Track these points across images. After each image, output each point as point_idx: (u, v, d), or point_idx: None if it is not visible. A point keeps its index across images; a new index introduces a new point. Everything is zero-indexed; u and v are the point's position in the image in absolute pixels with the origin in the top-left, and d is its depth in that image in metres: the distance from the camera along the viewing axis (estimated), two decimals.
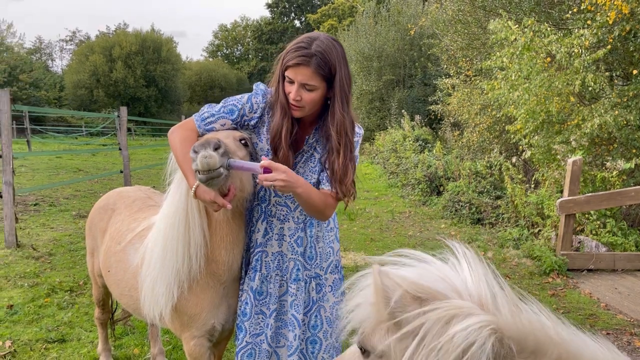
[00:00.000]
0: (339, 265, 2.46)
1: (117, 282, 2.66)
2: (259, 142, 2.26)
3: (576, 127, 6.69)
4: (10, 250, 6.20)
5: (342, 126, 2.11)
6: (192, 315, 2.30)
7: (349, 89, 2.15)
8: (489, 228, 8.13)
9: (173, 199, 2.22)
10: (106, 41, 48.75)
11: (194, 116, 2.21)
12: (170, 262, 2.20)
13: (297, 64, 2.02)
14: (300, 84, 2.05)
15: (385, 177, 14.80)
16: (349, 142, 2.14)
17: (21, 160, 16.23)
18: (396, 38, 21.84)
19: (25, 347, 3.75)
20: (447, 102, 13.22)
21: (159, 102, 49.04)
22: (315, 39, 2.06)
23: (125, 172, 10.52)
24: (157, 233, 2.29)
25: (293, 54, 2.03)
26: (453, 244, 1.09)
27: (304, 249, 2.34)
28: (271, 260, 2.35)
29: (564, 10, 7.62)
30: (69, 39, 68.24)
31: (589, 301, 5.12)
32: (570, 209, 6.02)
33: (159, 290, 2.25)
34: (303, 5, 72.33)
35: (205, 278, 2.27)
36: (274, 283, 2.34)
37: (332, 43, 2.07)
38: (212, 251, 2.23)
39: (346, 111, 2.12)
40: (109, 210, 2.96)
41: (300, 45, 2.03)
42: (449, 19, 11.42)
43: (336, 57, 2.06)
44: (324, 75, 2.05)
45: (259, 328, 2.34)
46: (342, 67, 2.09)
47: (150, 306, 2.32)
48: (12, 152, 6.43)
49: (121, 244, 2.65)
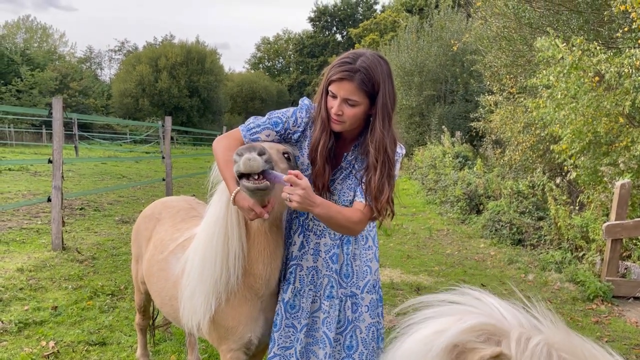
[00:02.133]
0: (376, 285, 2.41)
1: (159, 291, 2.71)
2: (301, 157, 2.27)
3: (625, 149, 6.48)
4: (57, 252, 6.41)
5: (381, 143, 2.09)
6: (230, 328, 2.31)
7: (392, 107, 2.12)
8: (530, 250, 7.92)
9: (214, 210, 2.25)
10: (153, 52, 50.29)
11: (239, 127, 2.24)
12: (208, 272, 2.22)
13: (340, 79, 2.03)
14: (343, 98, 2.05)
15: (423, 193, 14.64)
16: (387, 159, 2.11)
17: (69, 166, 16.81)
18: (438, 53, 21.68)
19: (68, 348, 3.86)
20: (489, 119, 13.01)
21: (201, 112, 50.09)
22: (361, 55, 2.06)
23: (168, 180, 10.76)
24: (197, 244, 2.32)
25: (337, 68, 2.04)
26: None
27: (340, 267, 2.33)
28: (305, 275, 2.34)
29: (614, 29, 7.42)
30: (117, 49, 70.69)
31: (635, 331, 4.91)
32: (617, 234, 5.82)
33: (197, 301, 2.28)
34: (345, 19, 72.80)
35: (243, 291, 2.28)
36: (306, 298, 2.34)
37: (377, 60, 2.07)
38: (250, 264, 2.24)
39: (387, 129, 2.10)
40: (153, 220, 3.03)
41: (345, 61, 2.04)
42: (493, 36, 11.27)
43: (380, 74, 2.05)
44: (367, 91, 2.04)
45: (289, 342, 2.34)
46: (387, 84, 2.07)
47: (188, 316, 2.34)
48: (62, 158, 6.66)
49: (164, 253, 2.70)
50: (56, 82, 40.82)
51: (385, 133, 2.09)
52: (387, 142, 2.10)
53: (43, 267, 5.80)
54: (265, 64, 79.72)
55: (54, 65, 43.96)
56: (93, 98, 46.53)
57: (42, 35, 54.24)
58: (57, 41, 56.32)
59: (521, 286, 6.29)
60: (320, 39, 73.58)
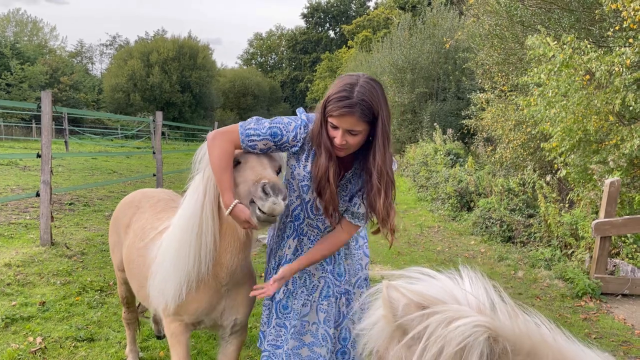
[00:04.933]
0: (367, 278, 2.54)
1: (137, 275, 2.82)
2: (297, 167, 2.30)
3: (614, 147, 6.52)
4: (45, 248, 6.36)
5: (383, 166, 2.13)
6: (189, 310, 2.46)
7: (389, 127, 2.16)
8: (520, 247, 7.96)
9: (190, 204, 2.33)
10: (144, 47, 49.92)
11: (239, 127, 2.20)
12: (182, 264, 2.32)
13: (341, 115, 2.03)
14: (345, 130, 2.07)
15: (414, 190, 14.68)
16: (390, 181, 2.16)
17: (58, 160, 16.67)
18: (431, 51, 21.74)
19: (55, 344, 3.83)
20: (480, 117, 13.06)
21: (193, 107, 49.85)
22: (355, 84, 2.04)
23: (158, 176, 10.71)
24: (172, 235, 2.42)
25: (336, 104, 2.03)
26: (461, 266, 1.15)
27: (333, 267, 2.43)
28: (298, 277, 2.43)
29: (605, 27, 7.46)
30: (109, 44, 70.29)
31: (623, 327, 4.95)
32: (606, 231, 5.85)
33: (169, 287, 2.39)
34: (338, 16, 72.71)
35: (208, 279, 2.39)
36: (298, 300, 2.42)
37: (372, 86, 2.06)
38: (219, 254, 2.34)
39: (386, 150, 2.14)
40: (133, 207, 3.11)
41: (343, 95, 2.02)
42: (485, 34, 11.31)
43: (378, 101, 2.06)
44: (367, 120, 2.07)
45: (279, 341, 2.43)
46: (383, 108, 2.10)
47: (158, 299, 2.49)
48: (51, 152, 6.60)
49: (144, 241, 2.78)
50: (46, 76, 40.42)
51: (386, 156, 2.13)
52: (388, 163, 2.15)
53: (31, 263, 5.75)
54: (258, 60, 79.51)
55: (44, 59, 43.49)
56: (84, 92, 46.08)
57: (33, 29, 53.77)
58: (47, 35, 55.88)
59: (511, 283, 6.33)
60: (313, 35, 73.45)
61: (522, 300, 5.67)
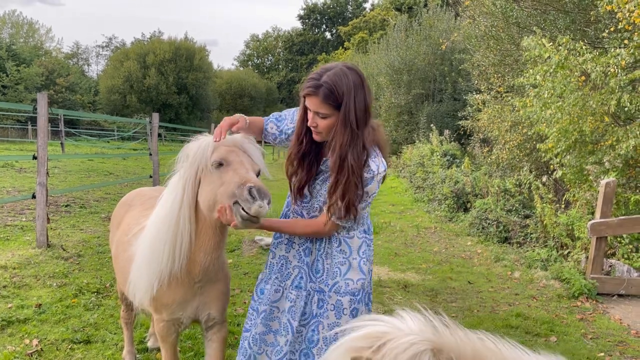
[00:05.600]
0: (345, 290, 2.40)
1: (122, 270, 2.91)
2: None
3: (610, 147, 6.54)
4: (41, 250, 6.34)
5: (340, 151, 2.17)
6: (164, 305, 2.54)
7: (359, 117, 2.16)
8: (517, 247, 7.98)
9: (166, 203, 2.39)
10: (141, 48, 49.83)
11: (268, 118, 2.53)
12: (156, 262, 2.39)
13: (307, 94, 2.18)
14: (314, 111, 2.19)
15: (411, 192, 14.70)
16: (348, 167, 2.17)
17: (55, 162, 16.62)
18: (427, 52, 21.77)
19: (52, 346, 3.82)
20: (476, 118, 13.08)
21: (190, 109, 49.76)
22: (329, 69, 2.18)
23: (155, 177, 10.69)
24: (148, 233, 2.47)
25: (305, 84, 2.20)
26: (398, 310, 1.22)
27: (312, 262, 2.44)
28: (275, 263, 2.51)
29: (600, 29, 7.49)
30: (105, 45, 70.00)
31: (619, 327, 4.97)
32: (602, 232, 5.88)
33: (142, 281, 2.48)
34: (334, 17, 72.78)
35: (181, 275, 2.44)
36: (271, 285, 2.48)
37: (343, 72, 2.15)
38: (193, 252, 2.39)
39: (349, 138, 2.16)
40: (125, 206, 3.23)
41: (312, 77, 2.18)
42: (481, 35, 11.34)
43: (345, 86, 2.13)
44: (332, 104, 2.14)
45: (249, 324, 2.50)
46: (352, 95, 2.13)
47: (132, 293, 2.60)
48: (47, 154, 6.58)
49: (128, 236, 2.85)
50: (42, 78, 40.33)
51: (346, 142, 2.16)
52: (349, 151, 2.16)
53: (27, 265, 5.73)
54: (255, 61, 79.46)
55: (40, 61, 43.39)
56: (80, 94, 45.98)
57: (28, 31, 53.64)
58: (43, 36, 55.79)
59: (507, 283, 6.34)
60: (309, 37, 73.49)
61: (518, 300, 5.69)
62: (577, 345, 4.44)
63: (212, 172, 2.22)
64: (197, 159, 2.25)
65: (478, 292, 5.94)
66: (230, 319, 4.57)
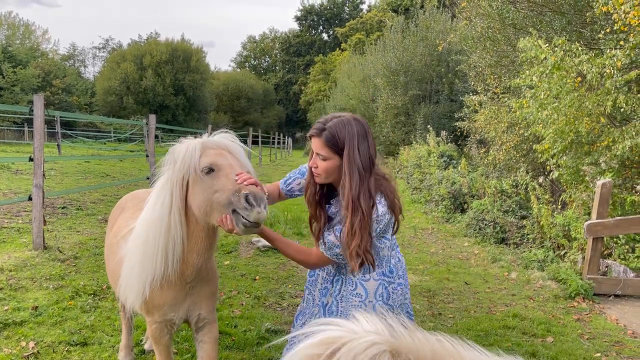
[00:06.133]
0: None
1: (111, 271, 2.96)
2: None
3: (606, 148, 6.56)
4: (38, 252, 6.32)
5: (349, 194, 2.24)
6: (156, 306, 2.55)
7: (364, 163, 2.26)
8: (514, 248, 8.00)
9: (155, 206, 2.37)
10: (137, 49, 49.79)
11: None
12: (149, 267, 2.39)
13: (312, 135, 2.33)
14: (316, 153, 2.33)
15: (408, 193, 14.71)
16: (361, 209, 2.23)
17: (51, 164, 16.59)
18: (424, 53, 21.79)
19: (48, 349, 3.81)
20: (473, 119, 13.09)
21: (187, 110, 49.72)
22: (336, 117, 2.32)
23: (152, 179, 10.67)
24: (138, 237, 2.46)
25: (313, 126, 2.35)
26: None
27: (327, 302, 2.54)
28: (310, 298, 2.65)
29: (596, 30, 7.51)
30: (101, 47, 69.99)
31: (616, 328, 4.98)
32: (598, 232, 5.89)
33: (133, 287, 2.48)
34: (331, 19, 72.87)
35: (174, 277, 2.44)
36: (300, 319, 2.66)
37: (348, 121, 2.28)
38: (185, 254, 2.40)
39: (357, 182, 2.24)
40: (119, 209, 3.27)
41: (320, 121, 2.35)
42: (477, 36, 11.35)
43: (348, 133, 2.26)
44: (333, 148, 2.27)
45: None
46: (355, 142, 2.25)
47: (124, 295, 2.60)
48: (43, 156, 6.57)
49: (117, 238, 2.88)
50: (39, 80, 40.28)
51: (354, 189, 2.23)
52: (360, 195, 2.24)
53: (24, 267, 5.71)
54: (252, 62, 79.49)
55: (36, 62, 43.35)
56: (76, 96, 45.93)
57: (25, 32, 53.46)
58: (39, 38, 55.61)
59: (504, 284, 6.35)
60: (306, 38, 73.55)
61: (515, 301, 5.70)
62: (573, 346, 4.45)
63: (203, 178, 2.21)
64: (185, 163, 2.24)
65: (475, 293, 5.95)
66: (227, 320, 4.57)
